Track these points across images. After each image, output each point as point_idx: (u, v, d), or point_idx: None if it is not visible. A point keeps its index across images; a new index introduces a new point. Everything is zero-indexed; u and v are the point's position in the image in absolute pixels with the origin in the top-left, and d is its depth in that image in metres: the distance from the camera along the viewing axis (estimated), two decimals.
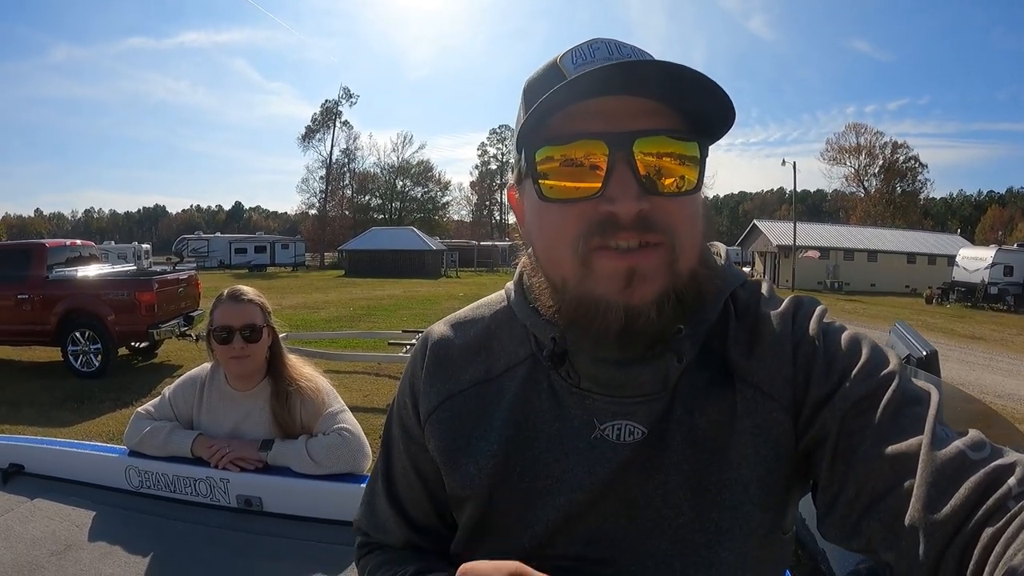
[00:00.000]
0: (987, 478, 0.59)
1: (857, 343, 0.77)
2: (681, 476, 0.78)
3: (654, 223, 0.71)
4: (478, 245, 63.29)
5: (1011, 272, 30.53)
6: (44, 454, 2.40)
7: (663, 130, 0.72)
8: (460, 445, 0.88)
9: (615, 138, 0.71)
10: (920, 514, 0.60)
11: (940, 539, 0.58)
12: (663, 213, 0.72)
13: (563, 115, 0.73)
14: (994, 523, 0.56)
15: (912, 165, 75.78)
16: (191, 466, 2.21)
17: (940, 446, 0.63)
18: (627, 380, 0.78)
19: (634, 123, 0.71)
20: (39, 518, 2.08)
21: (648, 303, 0.72)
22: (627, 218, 0.71)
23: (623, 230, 0.71)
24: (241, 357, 2.24)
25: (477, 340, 0.93)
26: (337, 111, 75.76)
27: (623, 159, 0.71)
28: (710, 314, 0.80)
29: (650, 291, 0.72)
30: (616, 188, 0.71)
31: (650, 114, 0.72)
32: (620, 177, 0.71)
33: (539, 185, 0.76)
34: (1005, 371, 12.62)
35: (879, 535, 0.64)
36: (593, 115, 0.72)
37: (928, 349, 2.12)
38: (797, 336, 0.79)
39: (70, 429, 7.09)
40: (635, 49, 0.78)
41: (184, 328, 10.95)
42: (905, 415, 0.68)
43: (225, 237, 59.86)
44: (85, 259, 11.51)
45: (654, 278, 0.72)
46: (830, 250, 43.90)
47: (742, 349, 0.80)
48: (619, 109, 0.72)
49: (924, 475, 0.61)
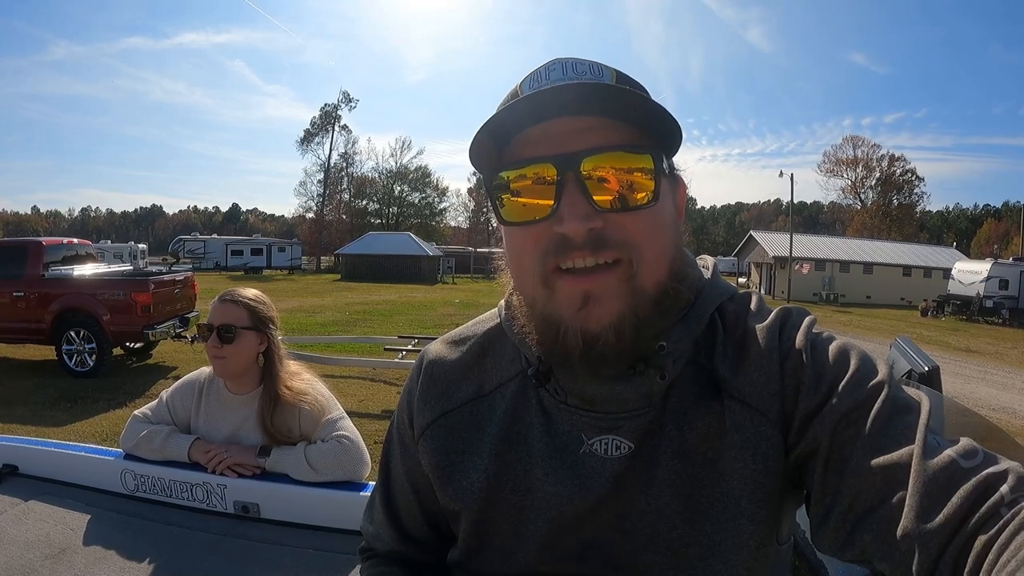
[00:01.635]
0: (979, 486, 0.59)
1: (846, 353, 0.77)
2: (673, 490, 0.79)
3: (607, 240, 0.73)
4: (475, 251, 63.16)
5: (1006, 286, 30.64)
6: (39, 455, 2.38)
7: (612, 146, 0.73)
8: (453, 460, 0.91)
9: (562, 159, 0.73)
10: (913, 524, 0.60)
11: (934, 548, 0.58)
12: (617, 229, 0.73)
13: (517, 139, 0.76)
14: (987, 531, 0.57)
15: (909, 178, 76.33)
16: (188, 471, 2.19)
17: (932, 455, 0.63)
18: (611, 396, 0.80)
19: (582, 142, 0.73)
20: (33, 520, 2.06)
21: (604, 327, 0.73)
22: (578, 238, 0.72)
23: (576, 250, 0.73)
24: (216, 357, 2.22)
25: (470, 358, 0.96)
26: (336, 115, 75.72)
27: (572, 179, 0.72)
28: (695, 329, 0.81)
29: (606, 314, 0.73)
30: (566, 208, 0.72)
31: (599, 130, 0.73)
32: (570, 197, 0.72)
33: (498, 209, 0.78)
34: (1000, 384, 12.65)
35: (873, 546, 0.65)
36: (543, 138, 0.74)
37: (930, 364, 2.11)
38: (785, 349, 0.79)
39: (63, 429, 7.05)
40: (593, 65, 0.78)
41: (179, 329, 10.90)
42: (896, 424, 0.68)
43: (222, 239, 59.83)
44: (81, 258, 11.48)
45: (610, 300, 0.73)
46: (826, 262, 43.99)
47: (730, 364, 0.81)
48: (568, 129, 0.74)
49: (916, 485, 0.62)
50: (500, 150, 0.78)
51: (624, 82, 0.78)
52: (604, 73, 0.77)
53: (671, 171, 0.81)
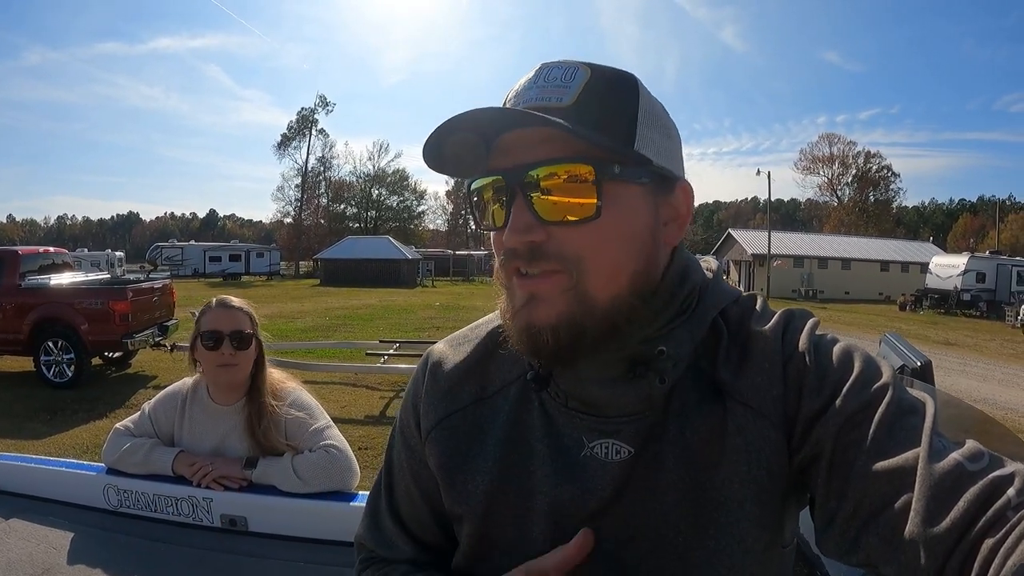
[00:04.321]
0: (985, 489, 0.59)
1: (849, 355, 0.77)
2: (677, 494, 0.79)
3: (546, 253, 0.75)
4: (454, 254, 63.37)
5: (983, 279, 31.19)
6: (19, 472, 2.33)
7: (555, 159, 0.74)
8: (457, 463, 0.91)
9: (511, 172, 0.75)
10: (919, 528, 0.60)
11: (940, 552, 0.58)
12: (559, 242, 0.75)
13: (493, 149, 0.78)
14: (993, 534, 0.56)
15: (885, 174, 77.44)
16: (173, 484, 2.14)
17: (937, 458, 0.63)
18: (611, 400, 0.80)
19: (531, 154, 0.74)
20: (15, 540, 2.02)
21: (543, 326, 0.75)
22: (521, 250, 0.75)
23: (518, 259, 0.76)
24: (229, 364, 2.18)
25: (474, 360, 0.96)
26: (313, 119, 75.61)
27: (519, 192, 0.74)
28: (696, 333, 0.81)
29: (544, 315, 0.75)
30: (513, 220, 0.75)
31: (551, 143, 0.74)
32: (516, 210, 0.75)
33: (475, 215, 0.84)
34: (979, 376, 12.84)
35: (878, 550, 0.64)
36: (504, 150, 0.77)
37: (922, 359, 2.12)
38: (787, 352, 0.79)
39: (43, 441, 6.95)
40: (568, 69, 0.77)
41: (159, 338, 10.78)
42: (900, 427, 0.68)
43: (199, 245, 59.23)
44: (58, 267, 11.36)
45: (550, 303, 0.75)
46: (804, 258, 44.44)
47: (732, 367, 0.81)
48: (523, 141, 0.75)
49: (922, 488, 0.61)
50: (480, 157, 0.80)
51: (596, 81, 0.77)
52: (576, 76, 0.76)
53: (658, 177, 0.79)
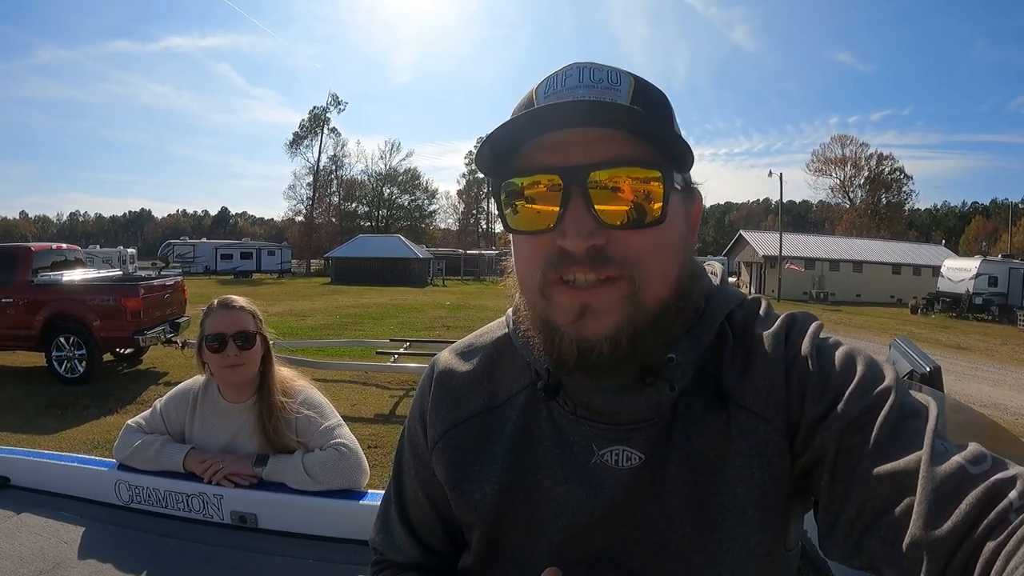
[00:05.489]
0: (988, 492, 0.59)
1: (852, 359, 0.77)
2: (682, 499, 0.79)
3: (609, 258, 0.72)
4: (464, 254, 63.19)
5: (995, 283, 30.93)
6: (31, 467, 2.35)
7: (621, 160, 0.72)
8: (465, 472, 0.91)
9: (570, 171, 0.72)
10: (921, 531, 0.60)
11: (942, 555, 0.58)
12: (621, 247, 0.72)
13: (529, 146, 0.75)
14: (995, 537, 0.56)
15: (897, 176, 76.86)
16: (183, 481, 2.16)
17: (939, 461, 0.63)
18: (621, 408, 0.80)
19: (592, 154, 0.72)
20: (26, 534, 2.03)
21: (600, 337, 0.73)
22: (579, 254, 0.71)
23: (576, 264, 0.72)
24: (236, 365, 2.19)
25: (481, 369, 0.96)
26: (325, 118, 75.68)
27: (578, 193, 0.71)
28: (703, 339, 0.81)
29: (601, 327, 0.73)
30: (569, 223, 0.71)
31: (610, 142, 0.72)
32: (574, 211, 0.71)
33: (504, 215, 0.78)
34: (991, 381, 12.73)
35: (881, 553, 0.64)
36: (553, 147, 0.73)
37: (931, 365, 2.10)
38: (790, 356, 0.79)
39: (53, 436, 7.00)
40: (611, 72, 0.77)
41: (170, 335, 10.83)
42: (903, 430, 0.68)
43: (211, 243, 59.39)
44: (70, 263, 11.46)
45: (607, 314, 0.73)
46: (816, 260, 44.22)
47: (736, 372, 0.81)
48: (578, 139, 0.72)
49: (924, 491, 0.61)
50: (510, 156, 0.77)
51: (642, 89, 0.77)
52: (622, 81, 0.76)
53: (687, 185, 0.80)
